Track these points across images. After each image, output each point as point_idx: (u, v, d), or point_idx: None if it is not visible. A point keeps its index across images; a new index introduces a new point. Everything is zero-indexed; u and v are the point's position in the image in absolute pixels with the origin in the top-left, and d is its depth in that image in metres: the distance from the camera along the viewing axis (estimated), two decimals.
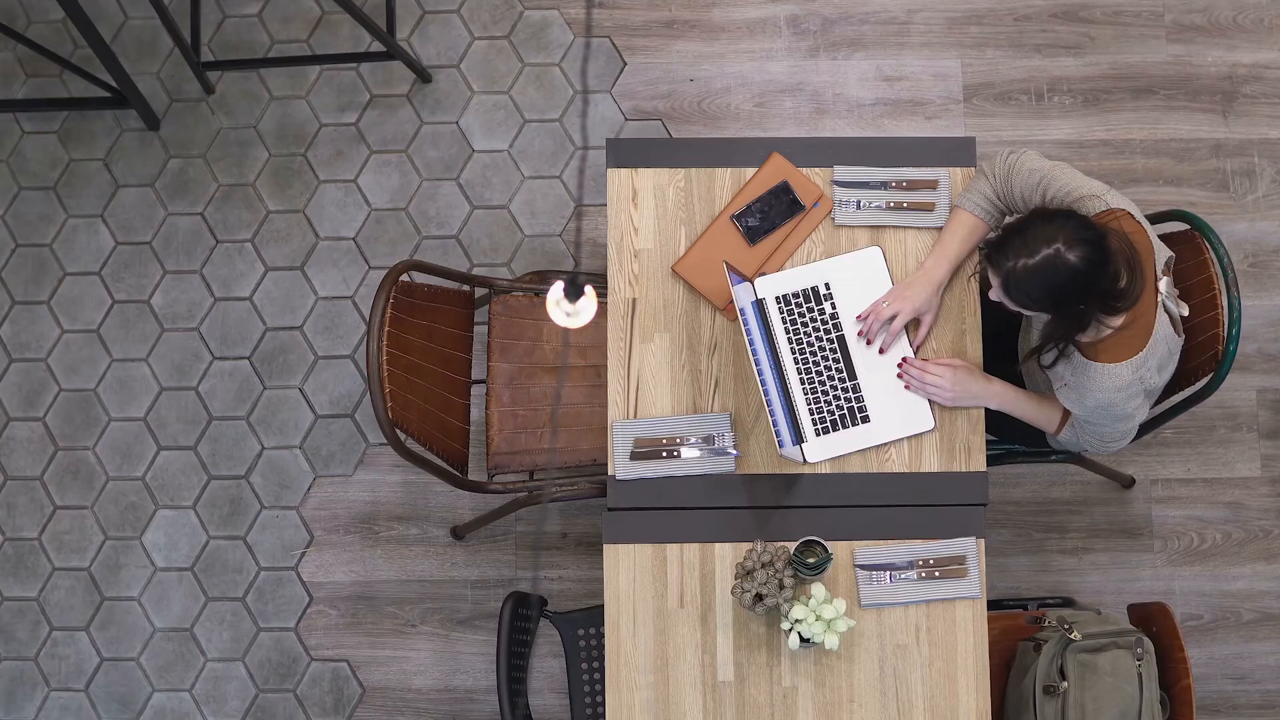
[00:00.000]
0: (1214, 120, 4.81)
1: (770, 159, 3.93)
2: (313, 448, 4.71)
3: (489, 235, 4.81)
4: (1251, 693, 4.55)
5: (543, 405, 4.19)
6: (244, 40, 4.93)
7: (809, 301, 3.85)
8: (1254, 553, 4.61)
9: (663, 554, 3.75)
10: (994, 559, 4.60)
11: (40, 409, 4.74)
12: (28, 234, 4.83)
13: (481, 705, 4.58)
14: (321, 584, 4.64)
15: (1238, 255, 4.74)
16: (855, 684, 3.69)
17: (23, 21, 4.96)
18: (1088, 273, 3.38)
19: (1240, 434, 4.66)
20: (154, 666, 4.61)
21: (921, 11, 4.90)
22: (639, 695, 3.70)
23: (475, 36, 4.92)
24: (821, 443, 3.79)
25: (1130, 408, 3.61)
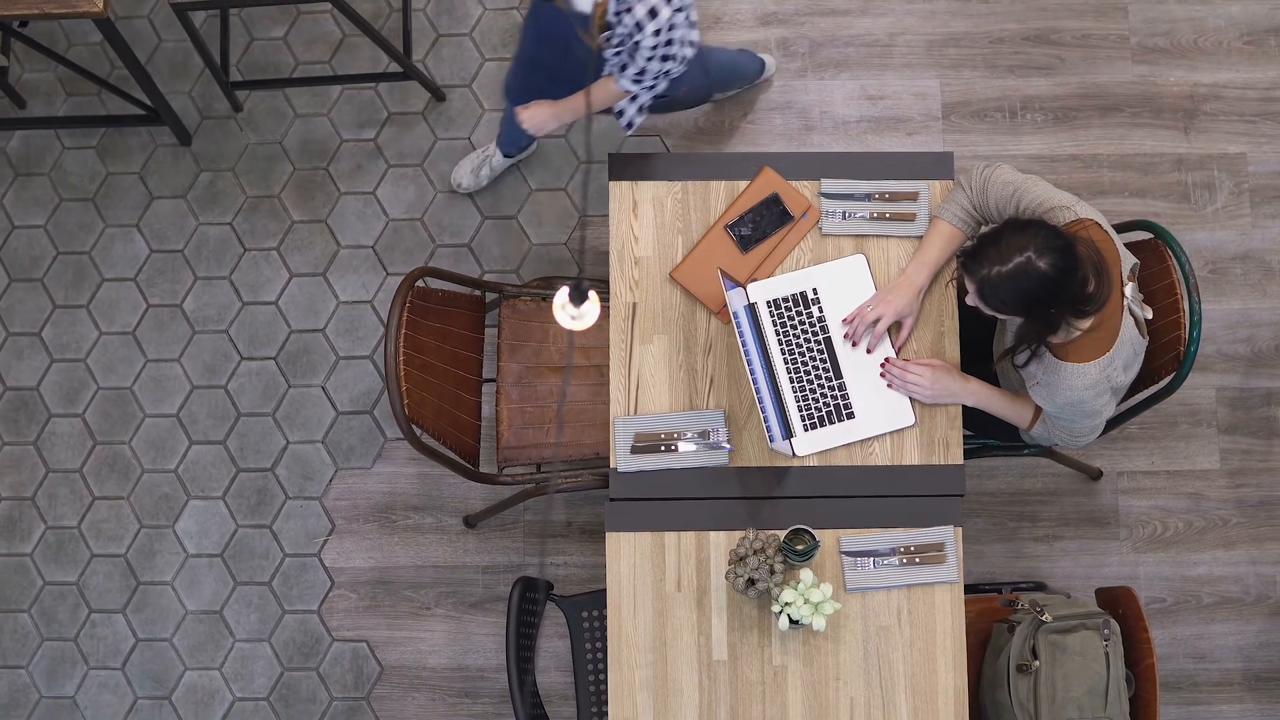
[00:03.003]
0: (1176, 136, 4.81)
1: (761, 172, 3.93)
2: (334, 442, 4.70)
3: (499, 244, 4.80)
4: (1211, 671, 4.55)
5: (549, 402, 4.18)
6: (270, 61, 4.93)
7: (798, 305, 3.85)
8: (1213, 540, 4.60)
9: (661, 541, 3.75)
10: (970, 546, 4.60)
11: (80, 406, 4.74)
12: (68, 242, 4.83)
13: (492, 683, 4.57)
14: (342, 569, 4.64)
15: (1198, 262, 4.74)
16: (841, 663, 3.69)
17: (63, 44, 4.96)
18: (1057, 279, 3.38)
19: (1201, 429, 4.66)
20: (186, 646, 4.61)
21: (903, 35, 4.89)
22: (639, 673, 3.70)
23: (486, 58, 4.92)
24: (809, 437, 3.79)
25: (1098, 405, 3.61)
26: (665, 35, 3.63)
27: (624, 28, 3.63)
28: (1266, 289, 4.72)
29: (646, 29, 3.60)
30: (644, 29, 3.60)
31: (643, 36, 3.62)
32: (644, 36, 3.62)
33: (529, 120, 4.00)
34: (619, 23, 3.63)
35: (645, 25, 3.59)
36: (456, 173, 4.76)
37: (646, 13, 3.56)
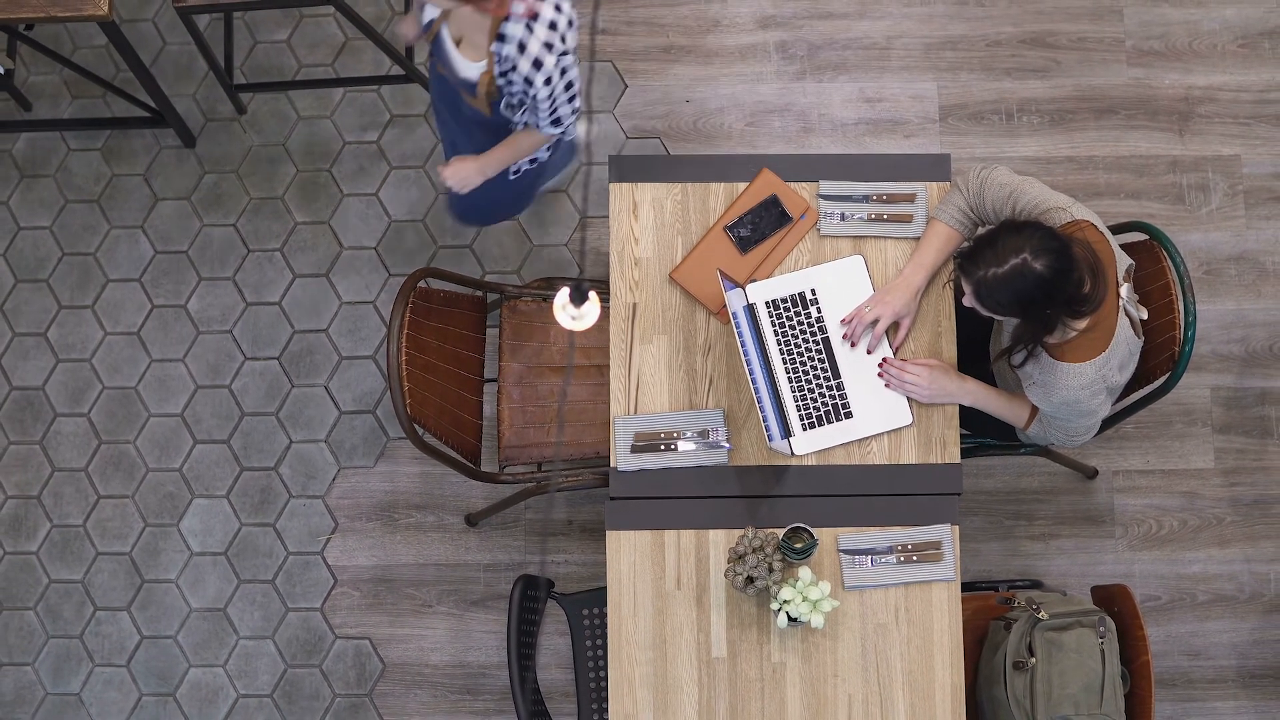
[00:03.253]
0: (1171, 138, 4.82)
1: (760, 174, 3.93)
2: (337, 441, 4.70)
3: (500, 244, 4.80)
4: (1205, 668, 4.55)
5: (550, 402, 4.19)
6: (274, 64, 4.93)
7: (796, 306, 3.85)
8: (1208, 539, 4.61)
9: (661, 540, 3.75)
10: (967, 544, 4.60)
11: (85, 405, 4.74)
12: (73, 243, 4.83)
13: (493, 679, 4.57)
14: (345, 567, 4.64)
15: (1193, 263, 4.74)
16: (839, 660, 3.69)
17: (69, 47, 4.96)
18: (1053, 280, 3.38)
19: (1195, 429, 4.66)
20: (190, 644, 4.61)
21: (900, 38, 4.90)
22: (639, 670, 3.70)
23: None
24: (808, 437, 3.79)
25: (1094, 404, 3.62)
26: (560, 79, 3.60)
27: (515, 88, 3.61)
28: (1260, 290, 4.73)
29: (537, 81, 3.57)
30: (534, 83, 3.57)
31: (536, 90, 3.59)
32: (538, 89, 3.59)
33: (453, 177, 3.91)
34: (508, 84, 3.60)
35: (535, 79, 3.56)
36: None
37: (531, 65, 3.53)
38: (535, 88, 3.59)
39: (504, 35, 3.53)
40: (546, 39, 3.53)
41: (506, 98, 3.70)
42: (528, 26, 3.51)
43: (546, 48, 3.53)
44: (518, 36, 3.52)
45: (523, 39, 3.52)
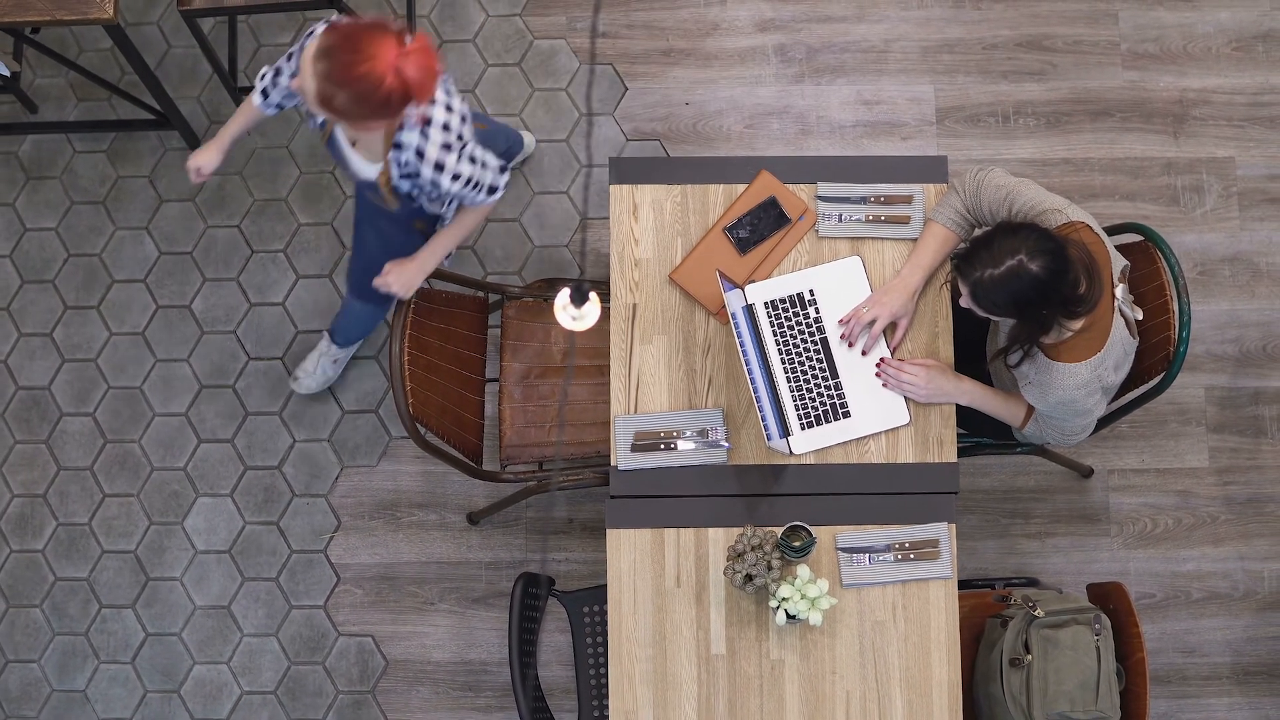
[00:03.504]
0: (1165, 140, 4.82)
1: (759, 176, 3.93)
2: (340, 440, 4.71)
3: (501, 246, 4.81)
4: (1200, 665, 4.55)
5: (551, 402, 4.19)
6: None
7: (795, 306, 3.85)
8: (1202, 537, 4.61)
9: (661, 538, 3.76)
10: (964, 542, 4.60)
11: (90, 405, 4.74)
12: (79, 244, 4.83)
13: (495, 676, 4.57)
14: (348, 565, 4.64)
15: (1187, 264, 4.74)
16: (837, 657, 3.69)
17: (74, 50, 4.96)
18: (1049, 281, 3.39)
19: (1190, 428, 4.66)
20: (195, 641, 4.61)
21: (898, 41, 4.90)
22: (639, 667, 3.70)
23: (489, 64, 4.92)
24: (806, 436, 3.80)
25: (1089, 404, 3.62)
26: (471, 168, 3.53)
27: (427, 189, 3.55)
28: (1254, 290, 4.73)
29: (445, 181, 3.50)
30: (442, 184, 3.51)
31: (449, 187, 3.52)
32: (450, 187, 3.52)
33: (397, 283, 3.76)
34: (417, 186, 3.54)
35: (442, 180, 3.50)
36: (295, 379, 4.64)
37: (434, 170, 3.48)
38: (446, 186, 3.52)
39: (400, 144, 3.46)
40: (443, 141, 3.45)
41: (423, 196, 3.62)
42: (422, 133, 3.43)
43: (445, 149, 3.46)
44: (414, 144, 3.45)
45: (419, 146, 3.44)
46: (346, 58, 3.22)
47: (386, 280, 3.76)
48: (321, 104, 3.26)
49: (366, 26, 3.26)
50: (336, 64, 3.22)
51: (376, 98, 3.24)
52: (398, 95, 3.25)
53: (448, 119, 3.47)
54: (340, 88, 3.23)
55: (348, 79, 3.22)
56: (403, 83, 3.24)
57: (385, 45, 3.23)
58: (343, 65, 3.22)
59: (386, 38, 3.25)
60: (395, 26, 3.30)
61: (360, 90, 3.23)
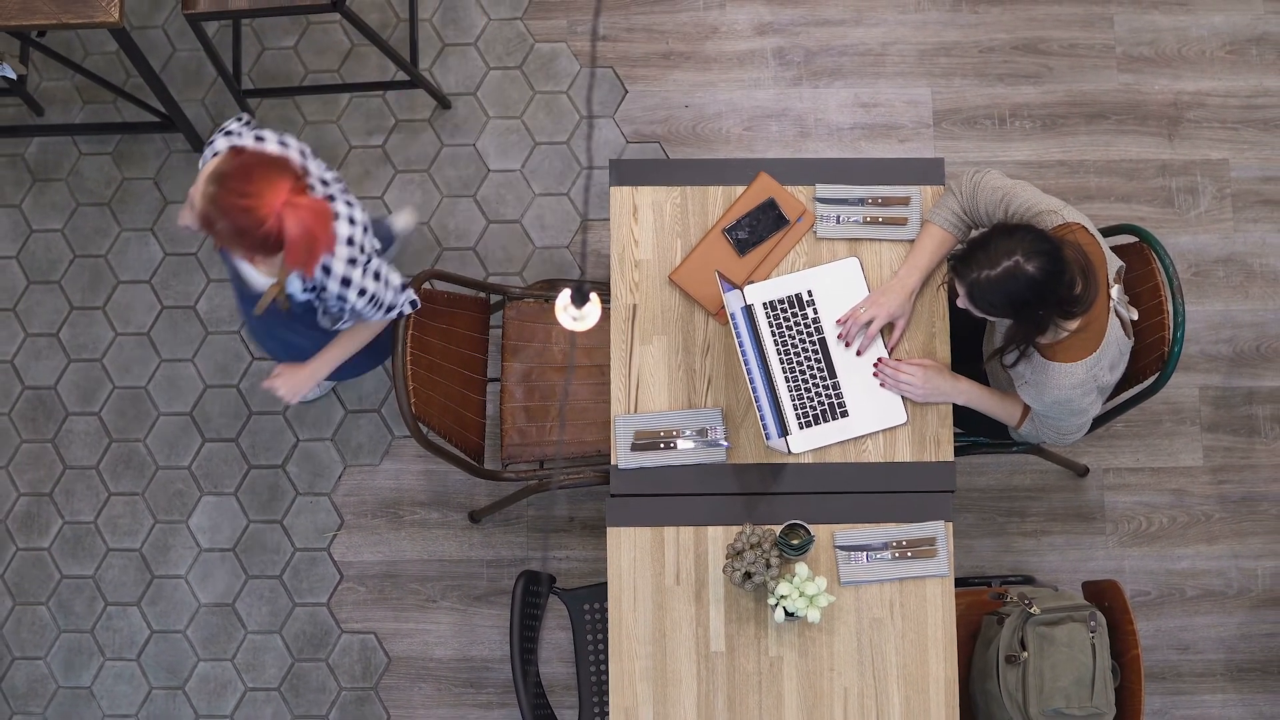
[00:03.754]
0: (1160, 143, 4.82)
1: (758, 178, 3.93)
2: (343, 440, 4.71)
3: (503, 247, 4.81)
4: (1194, 662, 4.55)
5: (551, 401, 4.19)
6: (281, 70, 4.93)
7: (793, 307, 3.85)
8: (1196, 535, 4.61)
9: (660, 536, 3.76)
10: (961, 540, 4.60)
11: (96, 405, 4.74)
12: (85, 246, 4.83)
13: (496, 673, 4.57)
14: (351, 563, 4.64)
15: (1182, 265, 4.74)
16: (835, 654, 3.69)
17: (80, 53, 4.96)
18: (1045, 281, 3.39)
19: (1184, 427, 4.66)
20: (199, 638, 4.61)
21: (895, 44, 4.90)
22: (639, 664, 3.70)
23: (491, 67, 4.92)
24: (804, 435, 3.80)
25: (1084, 403, 3.62)
26: (374, 284, 3.49)
27: (332, 304, 3.48)
28: (1248, 291, 4.73)
29: (351, 297, 3.46)
30: (348, 300, 3.46)
31: (354, 302, 3.48)
32: (355, 301, 3.48)
33: (285, 387, 3.74)
34: (319, 298, 3.48)
35: (348, 295, 3.45)
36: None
37: (340, 285, 3.42)
38: (351, 301, 3.47)
39: None
40: (349, 256, 3.41)
41: (325, 310, 3.57)
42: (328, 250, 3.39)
43: (351, 264, 3.42)
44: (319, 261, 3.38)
45: (325, 262, 3.40)
46: (236, 187, 3.16)
47: (275, 383, 3.74)
48: (203, 225, 3.21)
49: (266, 162, 3.20)
50: (224, 191, 3.17)
51: (255, 235, 3.18)
52: (275, 240, 3.19)
53: (351, 233, 3.43)
54: (223, 216, 3.17)
55: (231, 209, 3.16)
56: (280, 231, 3.17)
57: (277, 187, 3.17)
58: (230, 194, 3.16)
59: (281, 180, 3.19)
60: (297, 167, 3.25)
61: (240, 224, 3.17)
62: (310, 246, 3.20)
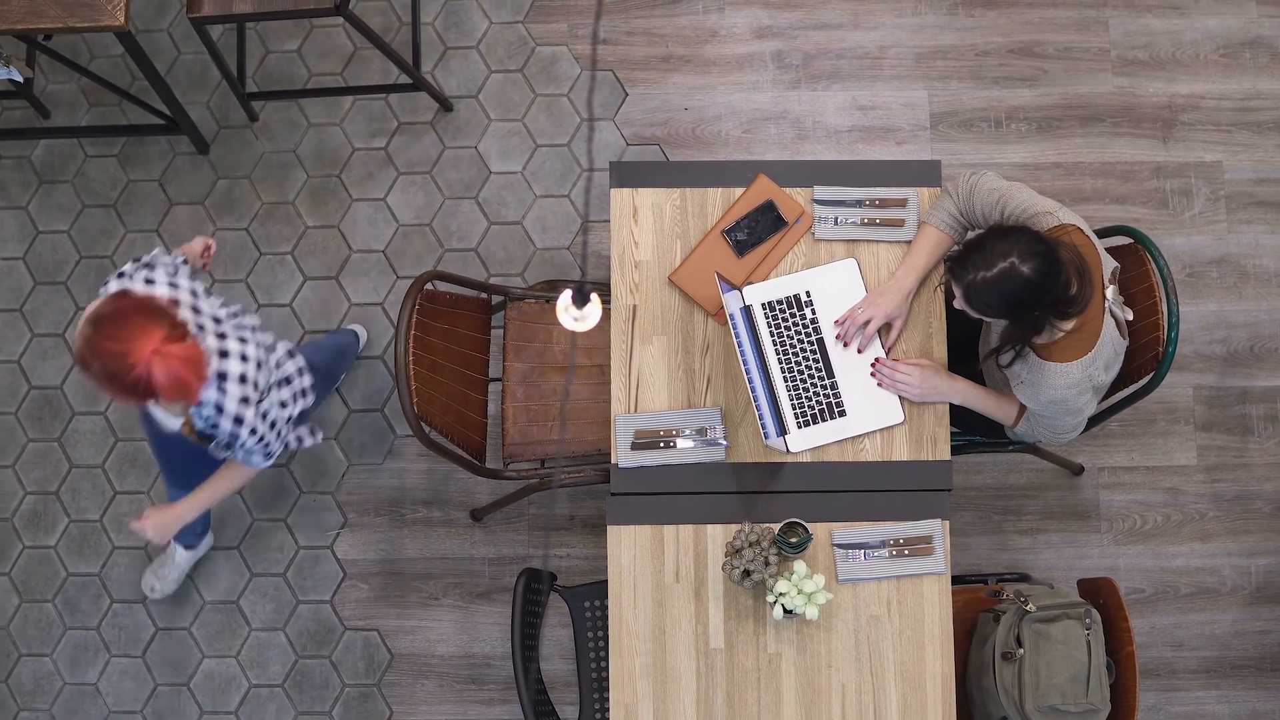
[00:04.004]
0: (1155, 145, 4.82)
1: (757, 180, 3.93)
2: (346, 439, 4.71)
3: (504, 248, 4.81)
4: (1188, 659, 4.55)
5: (552, 401, 4.19)
6: (285, 73, 4.93)
7: (791, 308, 3.85)
8: (1190, 533, 4.61)
9: (660, 534, 3.76)
10: (957, 539, 4.60)
11: (102, 404, 4.74)
12: (90, 247, 4.83)
13: (498, 670, 4.57)
14: (354, 561, 4.64)
15: (1176, 266, 4.74)
16: (833, 651, 3.69)
17: (86, 56, 4.96)
18: (1040, 283, 3.39)
19: (1178, 426, 4.66)
20: (204, 635, 4.61)
21: (892, 48, 4.90)
22: (639, 661, 3.70)
23: (492, 70, 4.92)
24: (803, 434, 3.80)
25: (1080, 403, 3.62)
26: (264, 424, 3.49)
27: (222, 436, 3.48)
28: (1242, 292, 4.73)
29: (243, 433, 3.46)
30: (240, 436, 3.46)
31: (244, 439, 3.48)
32: (245, 439, 3.48)
33: (153, 529, 3.71)
34: (215, 431, 3.47)
35: (240, 432, 3.45)
36: (145, 583, 4.56)
37: (233, 423, 3.42)
38: (243, 437, 3.47)
39: (200, 401, 3.40)
40: (241, 394, 3.41)
41: (215, 441, 3.56)
42: (220, 389, 3.39)
43: (244, 402, 3.42)
44: (212, 400, 3.39)
45: (218, 401, 3.40)
46: (109, 332, 3.15)
47: (143, 525, 3.72)
48: (80, 366, 3.20)
49: (142, 308, 3.19)
50: (99, 335, 3.16)
51: (124, 381, 3.16)
52: (144, 387, 3.17)
53: (244, 370, 3.42)
54: (95, 359, 3.16)
55: (103, 354, 3.15)
56: (149, 379, 3.16)
57: (147, 336, 3.15)
58: (103, 339, 3.15)
59: (155, 327, 3.17)
60: (176, 313, 3.23)
61: (111, 369, 3.16)
62: (182, 392, 3.19)
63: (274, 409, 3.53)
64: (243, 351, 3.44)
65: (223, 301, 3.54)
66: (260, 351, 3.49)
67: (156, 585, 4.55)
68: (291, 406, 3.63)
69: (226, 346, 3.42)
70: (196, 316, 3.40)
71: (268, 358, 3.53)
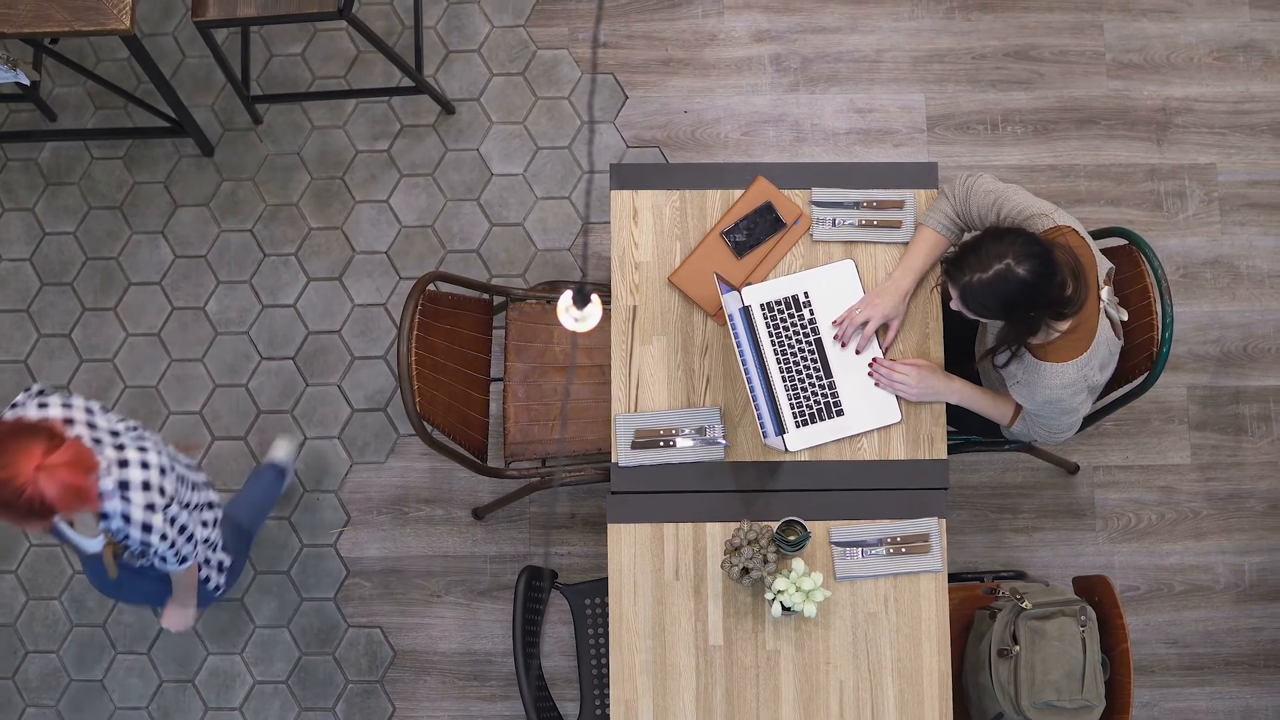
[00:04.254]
0: (1149, 147, 4.82)
1: (755, 182, 3.93)
2: (349, 438, 4.71)
3: (506, 249, 4.81)
4: (1182, 655, 4.55)
5: (553, 400, 4.19)
6: (288, 76, 4.94)
7: (790, 308, 3.85)
8: (1184, 531, 4.61)
9: (660, 532, 3.76)
10: (954, 537, 4.60)
11: (108, 404, 4.74)
12: (96, 248, 4.84)
13: (499, 666, 4.58)
14: (357, 559, 4.64)
15: (1170, 267, 4.74)
16: (831, 647, 3.69)
17: (92, 60, 4.96)
18: (1035, 284, 3.39)
19: (1172, 426, 4.66)
20: (209, 632, 4.61)
21: (890, 51, 4.90)
22: (639, 657, 3.70)
23: (494, 73, 4.92)
24: (801, 433, 3.80)
25: (1075, 403, 3.62)
26: (173, 529, 3.44)
27: (134, 545, 3.44)
28: (1235, 292, 4.73)
29: (154, 540, 3.41)
30: (151, 542, 3.42)
31: (156, 546, 3.44)
32: (157, 545, 3.44)
33: (175, 625, 3.80)
34: (128, 544, 3.44)
35: (150, 539, 3.40)
36: None
37: (142, 531, 3.38)
38: (154, 544, 3.44)
39: (105, 513, 3.36)
40: (146, 502, 3.36)
41: (129, 551, 3.53)
42: (123, 498, 3.34)
43: (149, 509, 3.37)
44: (118, 510, 3.35)
45: (124, 511, 3.35)
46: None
47: (169, 625, 3.80)
48: None
49: (20, 430, 3.14)
50: None
51: (19, 506, 3.12)
52: (39, 505, 3.13)
53: (147, 477, 3.38)
54: None
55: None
56: (41, 495, 3.12)
57: (27, 456, 3.11)
58: None
59: (34, 445, 3.12)
60: (53, 428, 3.18)
61: (2, 496, 3.12)
62: (78, 497, 3.15)
63: (181, 515, 3.47)
64: (143, 459, 3.38)
65: (120, 417, 3.48)
66: (163, 458, 3.42)
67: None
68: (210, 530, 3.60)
69: (126, 456, 3.36)
70: (93, 431, 3.35)
71: (172, 465, 3.47)
